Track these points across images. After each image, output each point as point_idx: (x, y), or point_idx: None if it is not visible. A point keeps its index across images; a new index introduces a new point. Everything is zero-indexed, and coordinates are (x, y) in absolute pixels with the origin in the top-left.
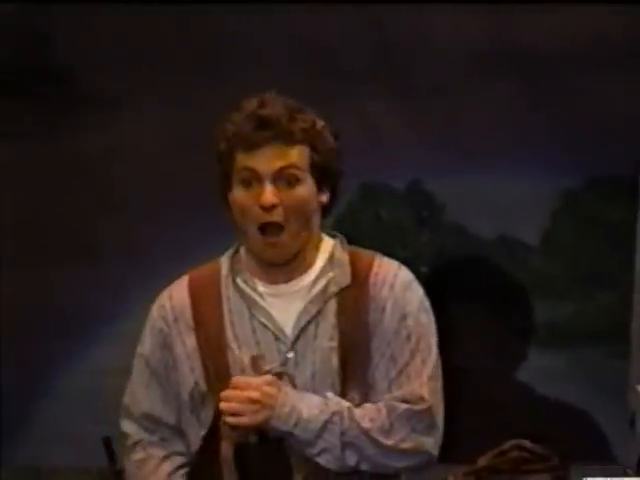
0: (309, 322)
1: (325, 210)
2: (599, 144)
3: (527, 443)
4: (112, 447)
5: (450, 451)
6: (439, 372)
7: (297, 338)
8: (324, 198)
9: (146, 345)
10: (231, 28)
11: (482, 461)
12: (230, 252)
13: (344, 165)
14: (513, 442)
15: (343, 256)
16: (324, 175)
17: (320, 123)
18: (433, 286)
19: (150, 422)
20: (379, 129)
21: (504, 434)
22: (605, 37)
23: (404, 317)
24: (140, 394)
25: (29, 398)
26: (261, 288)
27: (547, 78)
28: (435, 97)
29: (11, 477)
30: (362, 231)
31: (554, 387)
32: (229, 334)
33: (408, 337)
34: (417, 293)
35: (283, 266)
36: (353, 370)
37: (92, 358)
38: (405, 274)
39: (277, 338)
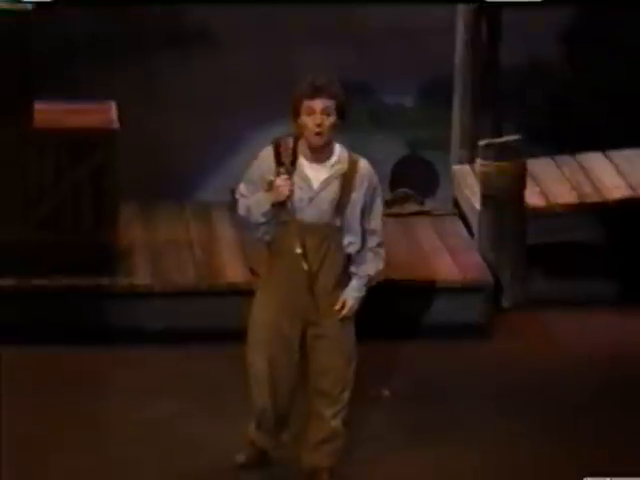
0: (327, 185)
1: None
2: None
3: (408, 190)
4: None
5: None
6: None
7: (319, 191)
8: (339, 122)
9: (254, 167)
10: None
11: (388, 197)
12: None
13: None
14: (401, 190)
15: (344, 155)
16: (340, 114)
17: (341, 89)
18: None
19: (251, 185)
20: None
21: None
22: None
23: (374, 192)
24: (247, 179)
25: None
26: (306, 163)
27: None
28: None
29: (195, 209)
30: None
31: (409, 165)
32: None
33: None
34: (378, 183)
35: (319, 153)
36: (340, 211)
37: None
38: (373, 172)
39: (310, 188)
